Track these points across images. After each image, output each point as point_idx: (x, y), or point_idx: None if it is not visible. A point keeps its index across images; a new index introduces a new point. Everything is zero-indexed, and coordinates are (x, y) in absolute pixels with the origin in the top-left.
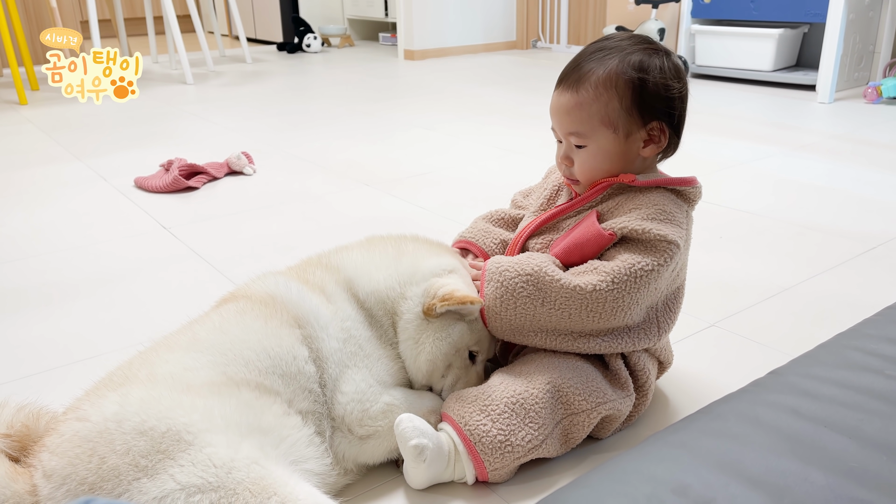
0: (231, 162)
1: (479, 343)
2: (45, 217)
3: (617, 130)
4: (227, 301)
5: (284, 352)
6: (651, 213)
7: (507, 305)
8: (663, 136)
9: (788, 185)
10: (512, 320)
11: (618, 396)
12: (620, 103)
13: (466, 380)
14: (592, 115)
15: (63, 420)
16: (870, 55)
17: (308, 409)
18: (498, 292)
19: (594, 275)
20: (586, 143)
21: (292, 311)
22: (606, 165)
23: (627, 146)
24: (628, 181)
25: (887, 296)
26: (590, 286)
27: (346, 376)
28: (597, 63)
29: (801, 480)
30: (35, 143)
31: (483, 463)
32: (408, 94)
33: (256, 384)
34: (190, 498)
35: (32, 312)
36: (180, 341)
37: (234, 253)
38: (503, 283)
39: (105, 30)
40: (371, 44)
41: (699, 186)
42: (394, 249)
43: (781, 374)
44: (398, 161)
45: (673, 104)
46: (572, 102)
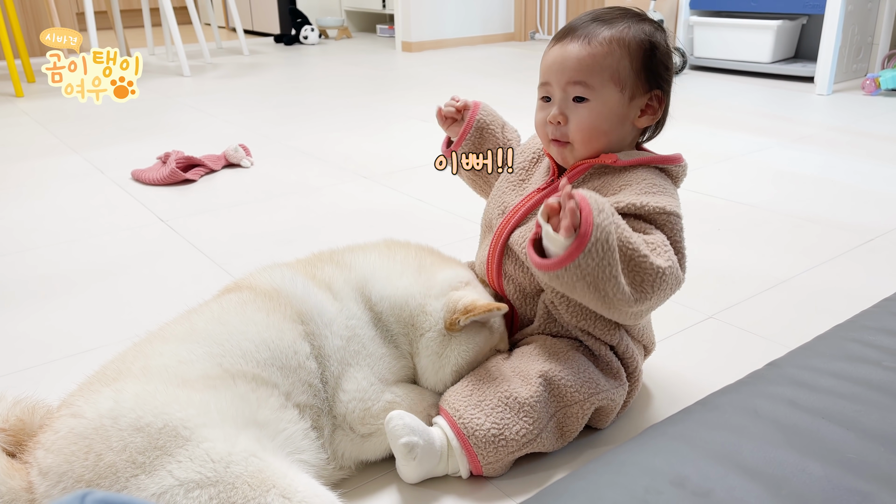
0: (228, 154)
1: (500, 343)
2: (42, 210)
3: (623, 90)
4: (229, 290)
5: (285, 346)
6: (643, 187)
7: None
8: (660, 108)
9: (787, 176)
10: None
11: (611, 386)
12: (631, 63)
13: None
14: (604, 69)
15: (57, 416)
16: (868, 46)
17: (306, 403)
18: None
19: (661, 257)
20: (590, 97)
21: (296, 306)
22: (605, 126)
23: (628, 111)
24: (610, 161)
25: (885, 287)
26: (666, 267)
27: (349, 374)
28: (605, 24)
29: (799, 472)
30: (31, 136)
31: (477, 457)
32: (405, 86)
33: (253, 376)
34: (189, 493)
35: (29, 305)
36: (177, 332)
37: (232, 245)
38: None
39: (101, 21)
40: (369, 36)
41: (684, 164)
42: (416, 260)
43: (779, 366)
44: (396, 153)
45: (671, 77)
46: (584, 52)
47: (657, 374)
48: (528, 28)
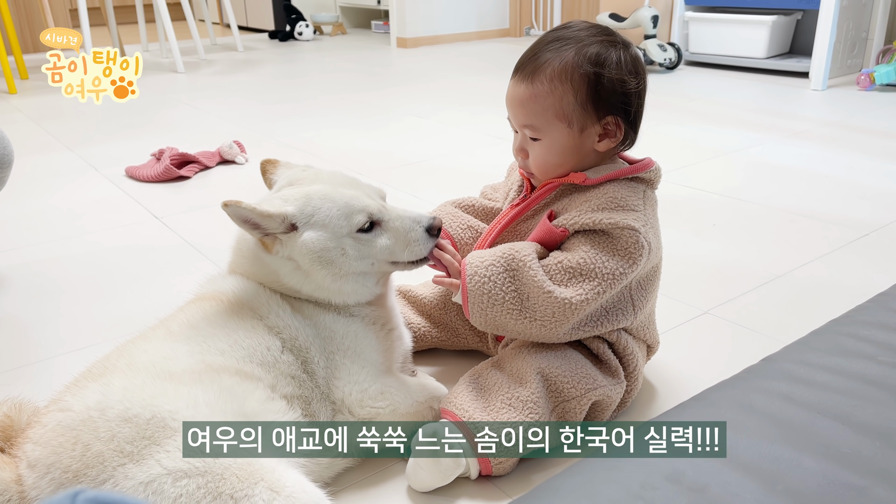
0: (223, 151)
1: (363, 211)
2: (36, 207)
3: (571, 125)
4: (186, 305)
5: (255, 342)
6: (601, 202)
7: (489, 299)
8: (619, 131)
9: (781, 172)
10: (493, 316)
11: (608, 383)
12: (575, 97)
13: (407, 243)
14: (547, 109)
15: (46, 412)
16: (863, 42)
17: (293, 394)
18: (481, 289)
19: (573, 287)
20: (540, 137)
21: (251, 305)
22: (559, 159)
23: (582, 140)
24: (579, 181)
25: (880, 282)
26: (575, 299)
27: (335, 363)
28: (553, 54)
29: (794, 466)
30: (25, 133)
31: (489, 458)
32: (400, 82)
33: (236, 370)
34: (177, 482)
35: (22, 302)
36: (157, 334)
37: (226, 242)
38: (484, 281)
39: (95, 18)
40: (363, 31)
41: (656, 167)
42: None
43: (774, 361)
44: (391, 149)
45: (629, 99)
46: (527, 94)
47: (652, 369)
48: (524, 24)
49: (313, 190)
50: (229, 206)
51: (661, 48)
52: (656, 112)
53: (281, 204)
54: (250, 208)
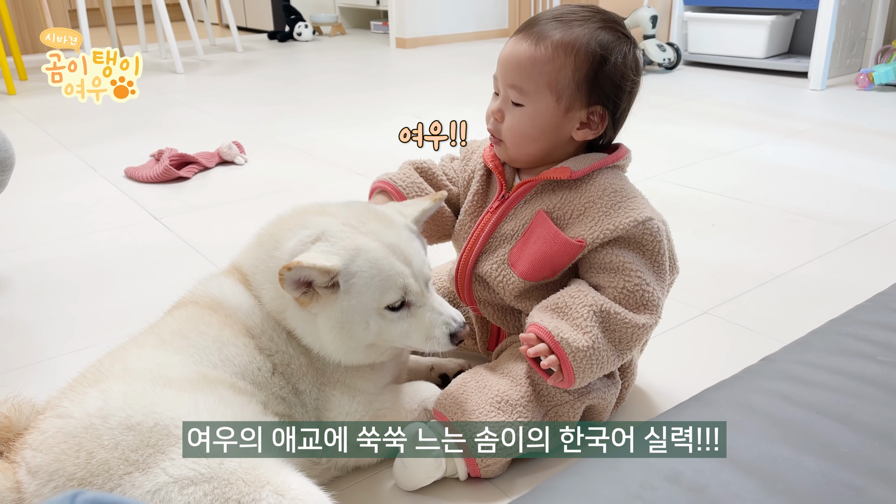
0: (222, 151)
1: (397, 291)
2: (35, 208)
3: (560, 100)
4: (176, 308)
5: (247, 361)
6: (607, 203)
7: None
8: (601, 125)
9: (780, 172)
10: (598, 373)
11: (602, 385)
12: (573, 73)
13: (420, 324)
14: (542, 75)
15: (43, 417)
16: (862, 42)
17: (284, 413)
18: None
19: (644, 312)
20: (524, 103)
21: (244, 322)
22: (535, 133)
23: (563, 121)
24: (565, 176)
25: (879, 282)
26: (651, 321)
27: (326, 395)
28: (563, 25)
29: (794, 466)
30: (24, 134)
31: (475, 459)
32: (400, 83)
33: (230, 384)
34: (183, 490)
35: (22, 303)
36: (148, 341)
37: (226, 243)
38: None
39: (94, 19)
40: (362, 32)
41: (629, 152)
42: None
43: (774, 361)
44: (390, 150)
45: (622, 95)
46: (526, 55)
47: (652, 369)
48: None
49: (364, 246)
50: (292, 270)
51: (661, 48)
52: (656, 112)
53: (327, 257)
54: (310, 265)
